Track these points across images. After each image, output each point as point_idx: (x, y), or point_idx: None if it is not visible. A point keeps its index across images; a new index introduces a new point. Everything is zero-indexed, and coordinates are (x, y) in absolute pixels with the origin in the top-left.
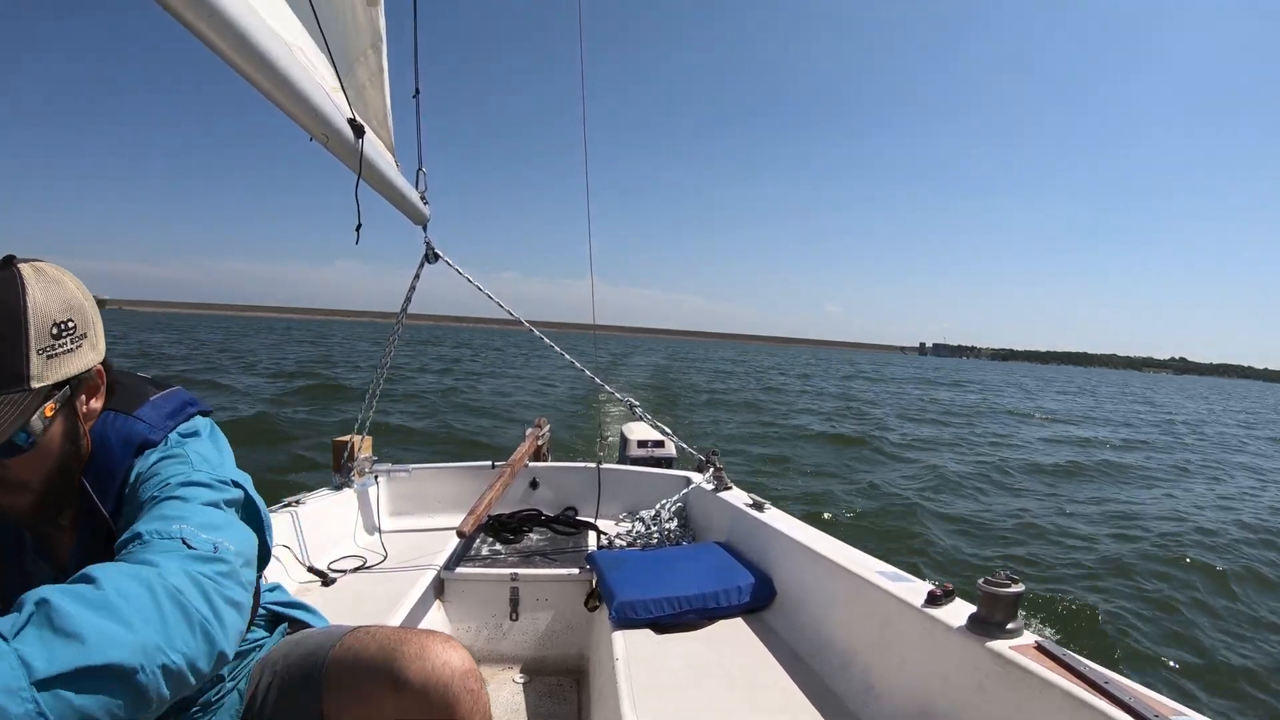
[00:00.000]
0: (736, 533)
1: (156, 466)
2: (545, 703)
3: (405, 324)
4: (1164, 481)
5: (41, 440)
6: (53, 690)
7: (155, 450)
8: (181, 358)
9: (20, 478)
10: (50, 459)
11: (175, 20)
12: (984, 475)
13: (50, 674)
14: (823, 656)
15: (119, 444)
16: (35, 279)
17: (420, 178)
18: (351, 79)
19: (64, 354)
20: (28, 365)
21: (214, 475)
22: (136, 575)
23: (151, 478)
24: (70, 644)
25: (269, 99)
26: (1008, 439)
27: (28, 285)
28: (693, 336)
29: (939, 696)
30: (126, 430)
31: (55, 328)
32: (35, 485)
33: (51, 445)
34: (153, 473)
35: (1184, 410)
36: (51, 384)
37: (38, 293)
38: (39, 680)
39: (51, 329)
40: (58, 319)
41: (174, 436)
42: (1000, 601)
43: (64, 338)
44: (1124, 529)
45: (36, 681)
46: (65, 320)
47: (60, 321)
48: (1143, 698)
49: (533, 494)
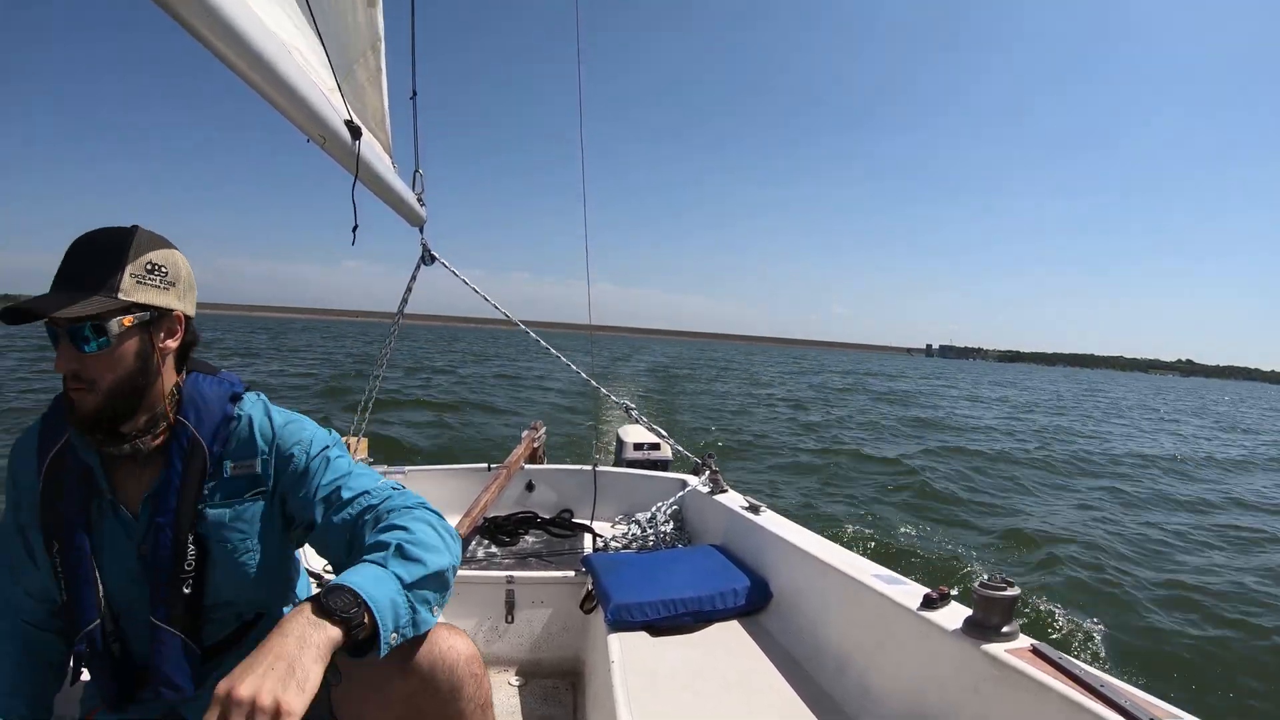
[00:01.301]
0: (732, 535)
1: (291, 430)
2: (541, 705)
3: (405, 324)
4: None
5: (115, 346)
6: (411, 589)
7: (252, 404)
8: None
9: (91, 375)
10: (120, 368)
11: (168, 16)
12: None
13: (409, 581)
14: (819, 659)
15: (214, 394)
16: (147, 235)
17: (417, 180)
18: (351, 80)
19: (151, 286)
20: (119, 279)
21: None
22: (419, 518)
23: (297, 439)
24: (415, 565)
25: (265, 98)
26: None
27: (138, 233)
28: (699, 337)
29: (935, 700)
30: (217, 384)
31: (150, 264)
32: (103, 388)
33: (124, 356)
34: (295, 436)
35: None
36: (134, 302)
37: (144, 239)
38: (406, 585)
39: (146, 264)
40: (154, 260)
41: (256, 396)
42: (996, 605)
43: (155, 275)
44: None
45: (404, 586)
46: (160, 265)
47: (156, 263)
48: (1139, 701)
49: (529, 496)
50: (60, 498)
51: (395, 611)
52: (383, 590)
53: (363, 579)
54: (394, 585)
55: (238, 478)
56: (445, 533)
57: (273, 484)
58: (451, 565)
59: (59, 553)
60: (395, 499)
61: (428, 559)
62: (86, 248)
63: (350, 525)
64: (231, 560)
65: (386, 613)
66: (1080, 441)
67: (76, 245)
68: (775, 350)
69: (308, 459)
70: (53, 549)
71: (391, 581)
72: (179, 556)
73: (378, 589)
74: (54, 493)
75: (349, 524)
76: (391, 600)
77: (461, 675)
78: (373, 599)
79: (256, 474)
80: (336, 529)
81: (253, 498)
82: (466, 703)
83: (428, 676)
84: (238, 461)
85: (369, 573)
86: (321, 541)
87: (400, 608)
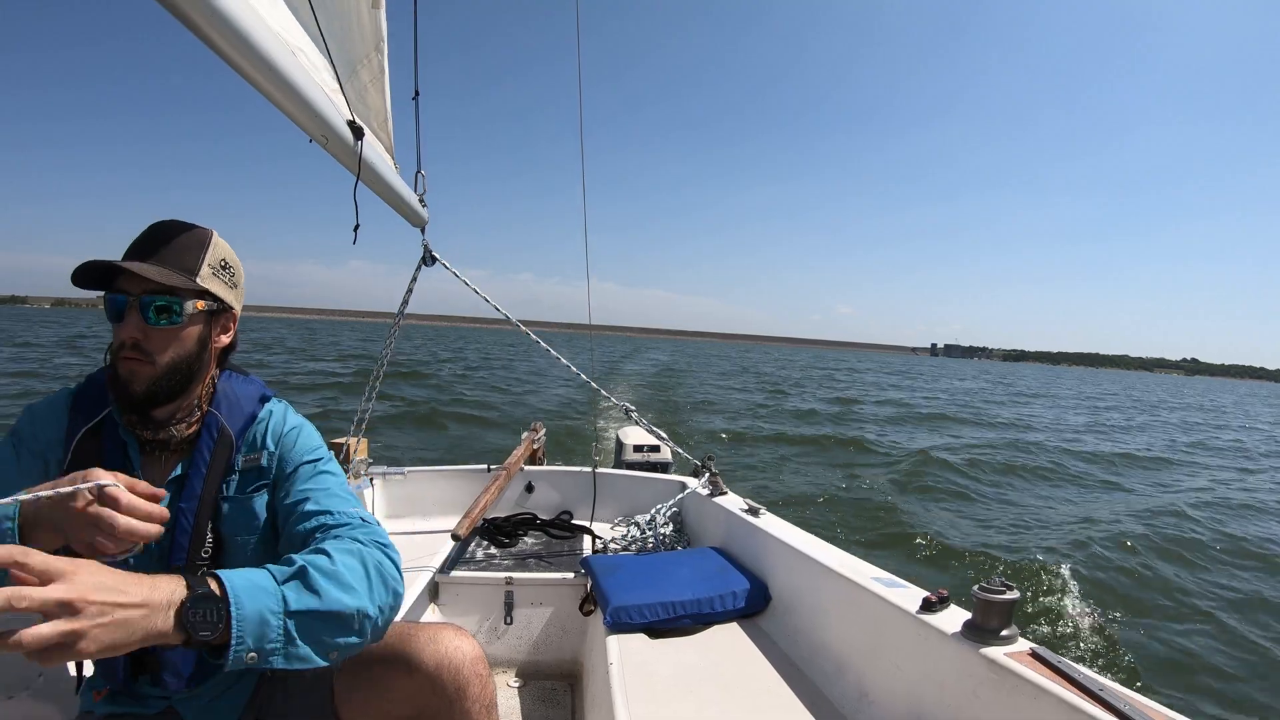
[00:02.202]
0: (732, 538)
1: (296, 433)
2: (539, 707)
3: (407, 323)
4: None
5: (183, 325)
6: (295, 617)
7: (276, 406)
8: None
9: (152, 349)
10: (181, 348)
11: (171, 15)
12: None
13: (296, 609)
14: (817, 662)
15: (245, 393)
16: (221, 239)
17: (419, 180)
18: (355, 81)
19: (221, 282)
20: (200, 266)
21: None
22: (353, 551)
23: (296, 442)
24: (310, 596)
25: (267, 98)
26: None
27: (214, 234)
28: (703, 337)
29: (933, 703)
30: (248, 384)
31: (223, 263)
32: (161, 363)
33: (188, 338)
34: (297, 439)
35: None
36: (207, 289)
37: (219, 239)
38: (289, 610)
39: (221, 261)
40: (227, 259)
41: (280, 401)
42: (995, 608)
43: (226, 272)
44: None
45: (288, 611)
46: (230, 264)
47: (228, 262)
48: (1138, 705)
49: (528, 497)
50: (94, 462)
51: (262, 630)
52: (256, 604)
53: (243, 584)
54: (275, 604)
55: (247, 470)
56: (378, 578)
57: (272, 480)
58: (363, 611)
59: None
60: (355, 527)
61: (330, 595)
62: (169, 231)
63: (303, 538)
64: (241, 552)
65: (249, 628)
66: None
67: (159, 226)
68: (786, 349)
69: (298, 463)
70: None
71: (274, 600)
72: (197, 544)
73: (252, 601)
74: (85, 457)
75: (302, 536)
76: (262, 617)
77: (467, 676)
78: (239, 611)
79: (261, 466)
80: (291, 539)
81: (256, 490)
82: (471, 703)
83: (433, 676)
84: (249, 455)
85: (254, 579)
86: (281, 546)
87: (272, 630)
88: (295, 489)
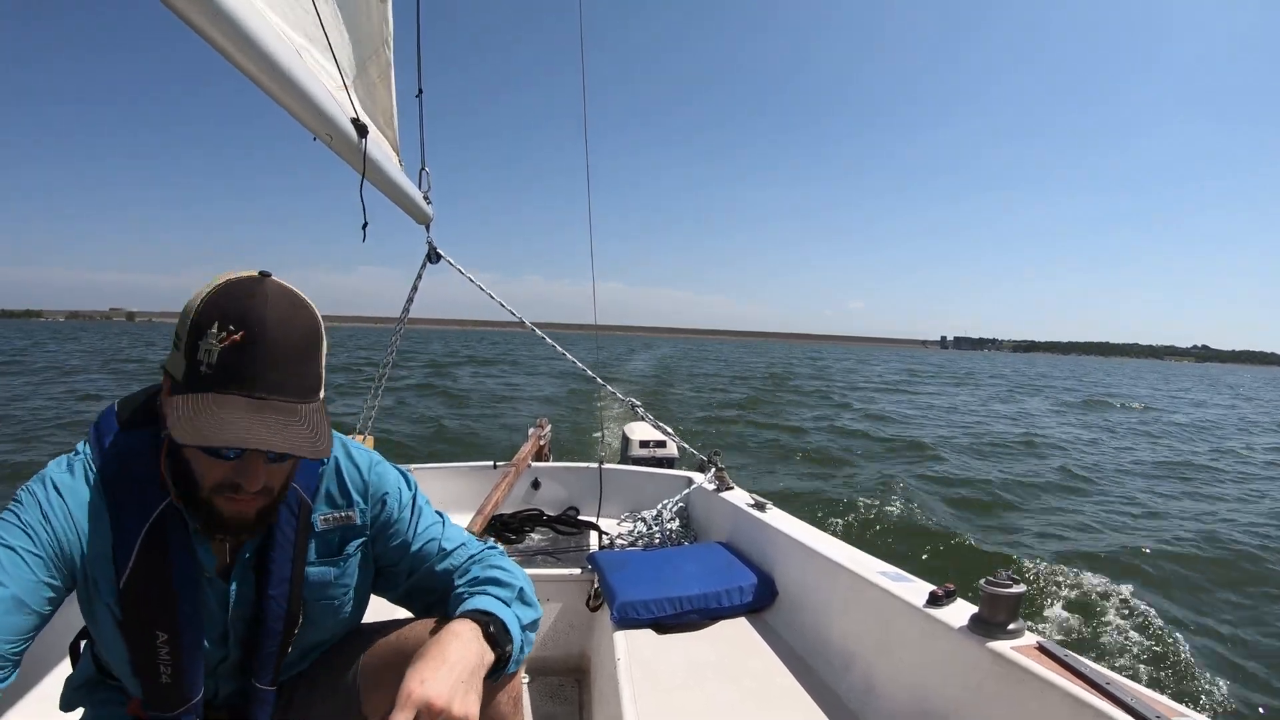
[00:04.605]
0: (738, 533)
1: (379, 477)
2: (547, 703)
3: (414, 326)
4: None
5: None
6: (526, 629)
7: (336, 447)
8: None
9: (274, 483)
10: (294, 468)
11: (172, 13)
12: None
13: (525, 623)
14: (824, 656)
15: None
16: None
17: (424, 178)
18: (363, 78)
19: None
20: (321, 379)
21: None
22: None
23: (386, 487)
24: (529, 610)
25: (271, 97)
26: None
27: (319, 318)
28: (714, 335)
29: (940, 697)
30: None
31: (328, 347)
32: (276, 491)
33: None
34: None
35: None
36: (323, 400)
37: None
38: (523, 626)
39: (327, 348)
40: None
41: (340, 441)
42: (1001, 602)
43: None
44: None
45: (522, 625)
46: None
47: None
48: (1145, 698)
49: (535, 494)
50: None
51: (521, 649)
52: (516, 628)
53: (507, 616)
54: (518, 624)
55: (331, 530)
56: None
57: (371, 533)
58: (540, 618)
59: (166, 642)
60: (491, 549)
61: (536, 607)
62: (287, 336)
63: (451, 574)
64: (331, 614)
65: (517, 650)
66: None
67: (277, 334)
68: (799, 346)
69: (399, 507)
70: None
71: (516, 621)
72: (290, 626)
73: (514, 627)
74: (152, 567)
75: (450, 572)
76: (520, 639)
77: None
78: (514, 636)
79: (355, 525)
80: (437, 577)
81: (347, 549)
82: (500, 696)
83: None
84: (329, 513)
85: (507, 611)
86: (409, 586)
87: (524, 646)
88: (417, 532)
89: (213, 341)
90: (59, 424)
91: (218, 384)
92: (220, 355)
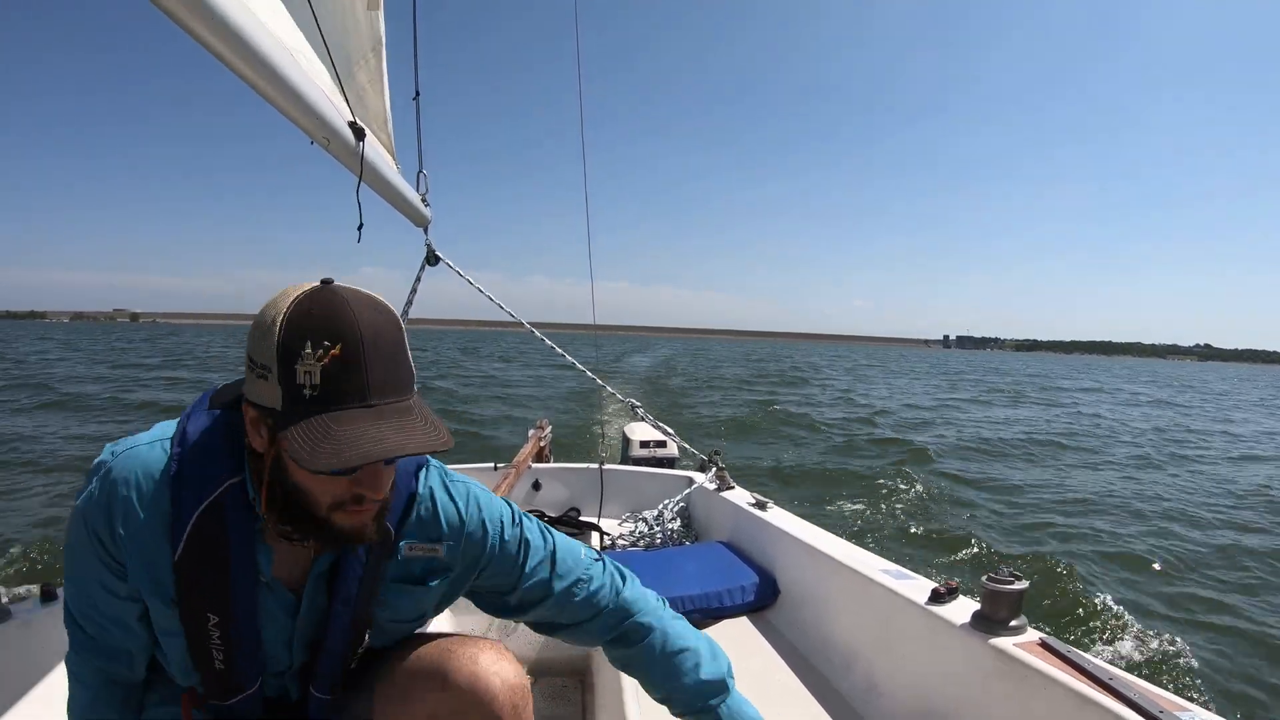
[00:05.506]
0: (739, 532)
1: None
2: (549, 705)
3: (416, 327)
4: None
5: None
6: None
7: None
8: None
9: (387, 487)
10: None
11: (171, 22)
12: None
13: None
14: (826, 655)
15: (402, 466)
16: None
17: (421, 180)
18: (351, 82)
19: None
20: (414, 369)
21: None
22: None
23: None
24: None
25: (268, 101)
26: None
27: (396, 313)
28: (719, 335)
29: (942, 694)
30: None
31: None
32: (388, 496)
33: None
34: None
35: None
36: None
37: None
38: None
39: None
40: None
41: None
42: (1003, 598)
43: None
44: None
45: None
46: None
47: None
48: (1149, 694)
49: (535, 495)
50: (217, 554)
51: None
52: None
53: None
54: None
55: (415, 559)
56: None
57: (460, 569)
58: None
59: (217, 625)
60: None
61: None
62: (379, 336)
63: (586, 603)
64: (399, 629)
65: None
66: None
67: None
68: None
69: (502, 541)
70: (202, 618)
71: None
72: (356, 642)
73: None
74: (205, 546)
75: (586, 602)
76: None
77: (502, 704)
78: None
79: (441, 559)
80: (574, 608)
81: (426, 580)
82: (503, 699)
83: (467, 696)
84: (416, 542)
85: (750, 708)
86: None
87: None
88: (530, 565)
89: (311, 362)
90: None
91: (331, 402)
92: (324, 373)
